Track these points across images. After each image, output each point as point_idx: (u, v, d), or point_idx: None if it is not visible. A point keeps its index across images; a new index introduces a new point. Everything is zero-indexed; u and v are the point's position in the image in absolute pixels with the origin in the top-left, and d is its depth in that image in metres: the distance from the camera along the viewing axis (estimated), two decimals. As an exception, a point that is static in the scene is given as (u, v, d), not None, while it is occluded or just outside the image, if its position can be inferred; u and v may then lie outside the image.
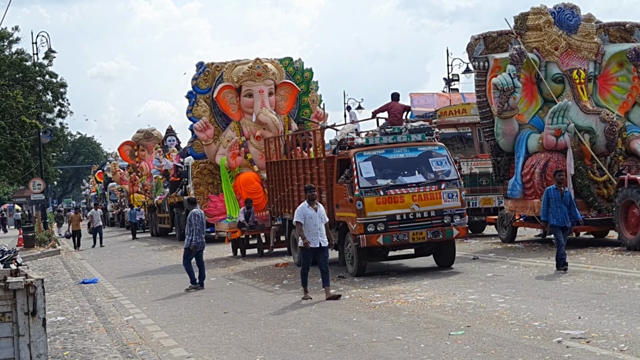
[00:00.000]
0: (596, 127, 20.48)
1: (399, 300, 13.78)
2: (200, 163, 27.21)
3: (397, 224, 16.75)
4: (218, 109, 26.49)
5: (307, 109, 27.13)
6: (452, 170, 17.38)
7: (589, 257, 17.79)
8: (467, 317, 11.90)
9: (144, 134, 48.21)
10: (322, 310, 13.62)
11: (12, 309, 6.72)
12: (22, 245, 34.48)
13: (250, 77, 25.90)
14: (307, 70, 27.38)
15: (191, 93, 26.59)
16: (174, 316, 14.38)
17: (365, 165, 17.10)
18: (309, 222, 14.81)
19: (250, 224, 24.25)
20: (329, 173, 18.17)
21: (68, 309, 16.37)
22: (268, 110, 25.70)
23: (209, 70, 26.59)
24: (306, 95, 27.13)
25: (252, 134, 26.13)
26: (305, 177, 19.35)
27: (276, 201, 21.91)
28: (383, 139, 17.61)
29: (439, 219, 16.90)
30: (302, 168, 19.78)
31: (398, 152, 17.39)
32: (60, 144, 58.99)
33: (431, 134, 17.89)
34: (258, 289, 17.10)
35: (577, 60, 21.30)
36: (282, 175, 21.37)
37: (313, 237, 14.79)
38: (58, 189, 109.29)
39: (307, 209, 14.92)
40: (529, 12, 21.72)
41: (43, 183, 40.42)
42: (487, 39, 21.72)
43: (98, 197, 71.40)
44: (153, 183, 41.47)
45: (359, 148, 17.42)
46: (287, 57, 27.37)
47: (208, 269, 19.86)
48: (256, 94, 25.97)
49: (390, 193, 16.76)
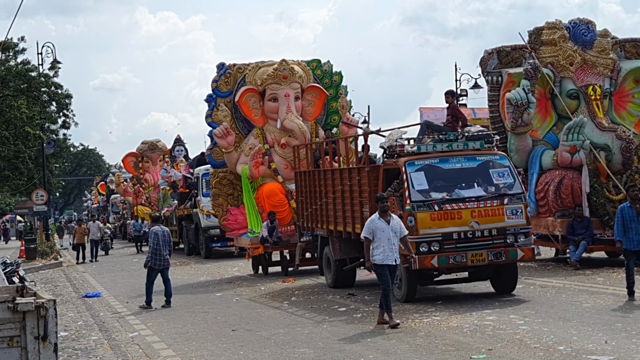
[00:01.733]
0: (612, 144, 20.10)
1: (414, 320, 13.33)
2: (220, 172, 24.69)
3: (453, 243, 14.64)
4: (240, 114, 24.31)
5: (336, 115, 24.79)
6: (515, 182, 15.30)
7: (606, 277, 17.34)
8: (486, 339, 11.44)
9: (148, 145, 47.10)
10: (333, 330, 13.18)
11: (20, 333, 6.16)
12: (24, 257, 34.06)
13: (276, 79, 23.82)
14: (336, 74, 25.24)
15: (211, 96, 24.36)
16: (181, 333, 13.94)
17: (417, 176, 15.03)
18: (381, 236, 13.04)
19: (274, 240, 22.30)
20: (373, 185, 16.03)
21: (71, 324, 15.94)
22: (294, 115, 23.66)
23: (231, 72, 24.37)
24: (335, 101, 24.83)
25: (277, 141, 24.05)
26: (342, 189, 17.39)
27: (306, 215, 19.94)
28: (437, 146, 15.44)
29: (502, 239, 14.79)
30: (340, 179, 17.65)
31: (454, 162, 15.28)
32: (64, 155, 58.79)
33: (491, 141, 15.78)
34: (266, 306, 16.64)
35: (593, 76, 20.92)
36: (314, 187, 19.40)
37: (388, 253, 13.00)
38: (60, 201, 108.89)
39: (378, 221, 13.15)
40: (544, 27, 21.35)
41: (46, 194, 40.00)
42: (500, 54, 21.34)
43: (99, 209, 71.00)
44: (160, 194, 40.20)
45: (409, 156, 15.33)
46: (315, 59, 25.32)
47: (232, 288, 19.62)
48: (281, 98, 23.84)
49: (446, 208, 14.69)
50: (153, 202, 42.39)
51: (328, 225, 18.23)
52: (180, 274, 25.43)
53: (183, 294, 19.73)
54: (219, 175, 24.61)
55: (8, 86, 42.34)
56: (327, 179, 18.49)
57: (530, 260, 16.27)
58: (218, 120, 23.90)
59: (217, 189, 24.58)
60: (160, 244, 17.50)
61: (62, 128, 46.68)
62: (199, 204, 31.02)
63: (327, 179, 18.46)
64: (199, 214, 31.17)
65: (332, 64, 25.14)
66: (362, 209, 16.30)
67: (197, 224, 31.91)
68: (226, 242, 30.24)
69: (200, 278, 23.54)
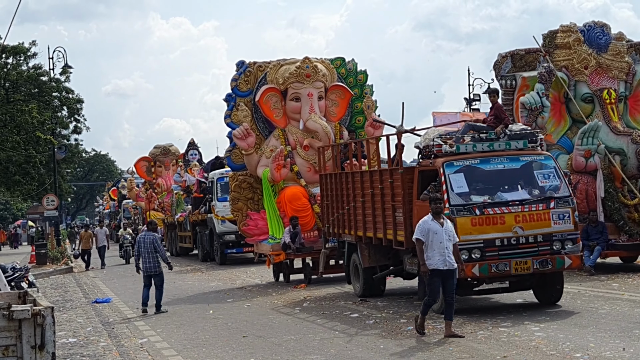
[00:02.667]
0: (627, 148, 19.87)
1: (427, 327, 13.10)
2: (239, 175, 23.21)
3: (496, 250, 13.59)
4: (260, 115, 22.97)
5: (361, 116, 23.41)
6: (562, 185, 14.19)
7: (622, 283, 17.08)
8: (502, 346, 11.22)
9: (161, 149, 46.41)
10: (345, 336, 12.98)
11: (16, 342, 5.85)
12: (35, 262, 33.95)
13: (298, 78, 22.48)
14: (362, 73, 23.79)
15: (230, 96, 23.00)
16: (191, 340, 13.76)
17: (456, 178, 13.99)
18: (434, 238, 12.19)
19: (296, 246, 21.12)
20: (407, 188, 14.94)
21: (80, 330, 15.78)
22: (318, 116, 22.36)
23: (251, 70, 23.04)
24: (360, 101, 23.48)
25: (299, 143, 22.75)
26: (373, 192, 16.30)
27: (332, 220, 18.87)
28: (477, 146, 14.39)
29: (548, 245, 13.75)
30: (370, 182, 16.56)
31: (496, 163, 14.25)
32: (75, 161, 58.83)
33: (535, 140, 14.67)
34: (277, 312, 16.45)
35: (608, 79, 20.68)
36: (341, 190, 18.32)
37: (438, 257, 12.16)
38: (72, 206, 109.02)
39: (432, 222, 12.30)
40: (558, 30, 21.12)
41: (57, 199, 39.93)
42: (514, 57, 21.11)
43: (111, 215, 70.96)
44: (173, 199, 39.24)
45: (448, 157, 14.26)
46: (339, 57, 23.90)
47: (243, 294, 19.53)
48: (304, 97, 22.53)
49: (488, 212, 13.65)
50: (166, 207, 41.67)
51: (356, 231, 17.34)
52: (191, 279, 25.29)
53: (194, 299, 19.57)
54: (239, 178, 23.27)
55: (19, 90, 42.40)
56: (355, 181, 17.50)
57: (577, 269, 15.22)
58: (238, 121, 22.71)
59: (236, 193, 23.24)
60: (141, 250, 17.65)
61: (73, 133, 46.75)
62: (214, 209, 30.31)
63: (356, 181, 17.46)
64: (213, 219, 30.46)
65: (356, 62, 24.00)
66: (394, 214, 15.32)
67: (211, 229, 31.17)
68: (242, 248, 29.59)
69: (211, 284, 23.35)
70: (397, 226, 15.19)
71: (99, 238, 34.78)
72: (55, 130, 42.77)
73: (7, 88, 42.12)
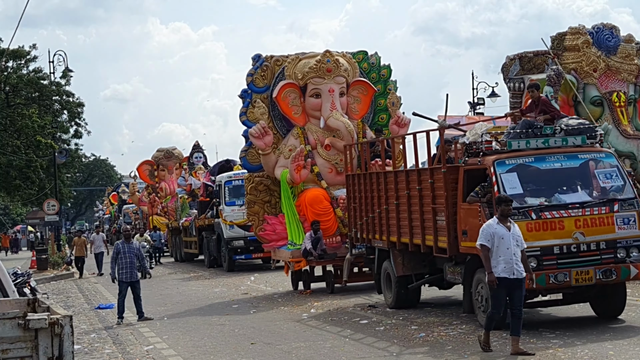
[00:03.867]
0: (637, 152, 19.69)
1: (440, 334, 12.82)
2: (255, 177, 21.58)
3: (554, 259, 12.17)
4: (278, 112, 21.39)
5: (384, 113, 21.81)
6: (626, 185, 12.80)
7: (635, 289, 16.77)
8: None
9: (164, 153, 45.38)
10: (356, 343, 12.71)
11: (32, 353, 5.44)
12: (35, 268, 33.67)
13: (319, 73, 20.87)
14: (385, 67, 22.14)
15: (246, 92, 21.41)
16: (197, 346, 13.48)
17: (509, 178, 12.58)
18: (500, 244, 10.99)
19: (318, 253, 19.60)
20: (451, 189, 13.57)
21: (84, 336, 15.49)
22: (339, 113, 20.84)
23: (268, 64, 21.45)
24: (383, 97, 21.80)
25: (320, 142, 21.11)
26: (409, 194, 14.92)
27: (360, 225, 17.52)
28: (530, 142, 12.94)
29: (611, 253, 12.32)
30: (406, 182, 15.10)
31: (552, 161, 12.83)
32: (75, 165, 58.52)
33: (594, 136, 13.26)
34: (285, 318, 16.14)
35: (617, 82, 20.45)
36: (371, 192, 16.89)
37: (506, 265, 10.96)
38: (71, 211, 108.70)
39: (497, 226, 11.09)
40: (567, 32, 20.88)
41: (57, 204, 39.58)
42: (522, 60, 20.91)
43: (111, 220, 70.56)
44: (178, 203, 37.94)
45: (499, 155, 12.87)
46: (361, 50, 22.22)
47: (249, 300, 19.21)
48: (325, 93, 20.93)
49: (545, 216, 12.23)
50: (169, 212, 40.42)
51: (389, 236, 15.92)
52: (194, 285, 25.00)
53: (198, 305, 19.27)
54: (255, 180, 21.60)
55: (19, 94, 42.14)
56: (388, 182, 16.04)
57: None
58: (254, 119, 21.05)
59: (252, 196, 21.59)
60: (121, 258, 17.24)
61: (74, 137, 46.45)
62: (222, 214, 28.84)
63: (389, 182, 15.98)
64: (221, 224, 29.06)
65: (380, 55, 22.30)
66: (435, 218, 13.97)
67: (219, 234, 29.76)
68: (250, 255, 28.59)
69: (215, 289, 23.05)
70: (439, 231, 13.92)
71: (96, 244, 33.07)
72: (55, 134, 42.48)
73: (8, 92, 41.89)
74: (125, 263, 17.22)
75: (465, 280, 13.50)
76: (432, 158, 14.80)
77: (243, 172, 27.64)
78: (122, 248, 17.33)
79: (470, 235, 12.81)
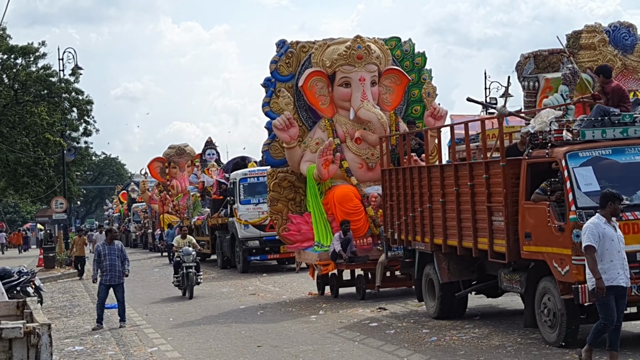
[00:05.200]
0: (654, 153, 19.16)
1: (452, 338, 12.45)
2: (279, 172, 19.89)
3: (636, 266, 10.46)
4: (303, 102, 19.80)
5: (419, 105, 20.29)
6: None
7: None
8: (532, 359, 10.55)
9: (175, 149, 44.66)
10: (365, 347, 12.35)
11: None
12: (42, 266, 33.40)
13: (348, 60, 19.34)
14: (419, 55, 20.64)
15: (269, 80, 19.85)
16: (203, 349, 13.15)
17: (583, 173, 10.99)
18: (610, 247, 9.70)
19: (348, 255, 18.01)
20: (511, 185, 12.02)
21: (87, 337, 15.20)
22: (371, 104, 19.29)
23: (293, 51, 19.89)
24: (417, 88, 20.30)
25: (350, 135, 19.60)
26: (459, 191, 13.26)
27: (397, 225, 15.91)
28: (607, 132, 11.30)
29: None
30: (455, 178, 13.39)
31: (633, 153, 11.18)
32: (85, 163, 58.34)
33: None
34: (292, 320, 15.78)
35: (634, 81, 20.02)
36: (412, 189, 15.18)
37: (620, 270, 9.72)
38: (81, 209, 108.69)
39: (606, 226, 9.78)
40: (583, 31, 20.48)
41: (66, 202, 39.29)
42: (537, 58, 20.45)
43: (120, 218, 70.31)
44: (190, 201, 36.49)
45: (571, 146, 11.24)
46: (394, 36, 20.59)
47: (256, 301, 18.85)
48: (355, 82, 19.38)
49: (627, 218, 10.61)
50: (181, 210, 39.34)
51: (433, 238, 14.31)
52: (202, 285, 24.64)
53: (204, 305, 18.94)
54: (278, 175, 19.89)
55: (28, 92, 41.91)
56: (433, 178, 14.38)
57: None
58: (278, 109, 19.49)
59: (275, 193, 19.83)
60: (105, 259, 16.31)
61: (83, 135, 46.18)
62: (236, 213, 27.37)
63: (434, 178, 14.33)
64: (235, 223, 27.58)
65: (414, 42, 20.82)
66: (491, 218, 12.39)
67: (233, 234, 28.29)
68: (266, 256, 27.39)
69: (223, 289, 22.71)
70: (495, 233, 12.38)
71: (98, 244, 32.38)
72: (64, 132, 42.22)
73: (17, 89, 41.65)
74: (106, 265, 16.29)
75: (527, 290, 12.05)
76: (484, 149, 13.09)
77: (259, 169, 27.50)
78: (102, 250, 16.48)
79: (535, 239, 11.46)
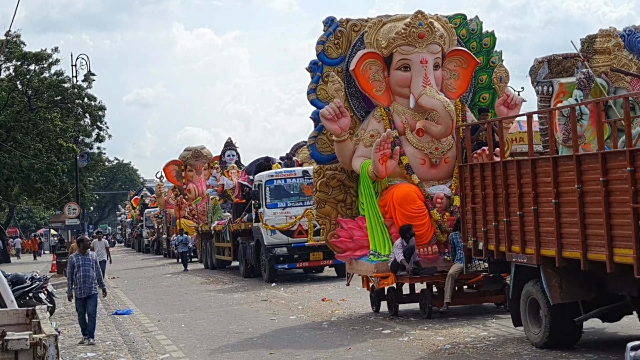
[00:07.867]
0: (670, 158, 18.98)
1: (466, 346, 12.30)
2: (327, 169, 17.19)
3: None
4: (355, 89, 17.15)
5: (487, 92, 17.64)
6: None
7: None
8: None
9: (192, 152, 43.44)
10: (378, 354, 12.23)
11: None
12: (56, 272, 33.41)
13: (408, 39, 16.58)
14: (488, 35, 17.90)
15: (315, 64, 17.23)
16: (214, 355, 13.09)
17: None
18: None
19: (412, 266, 15.47)
20: None
21: (99, 343, 15.12)
22: (434, 90, 16.58)
23: (343, 30, 17.20)
24: (485, 72, 17.63)
25: (410, 126, 16.85)
26: (582, 189, 10.73)
27: (484, 232, 13.19)
28: None
29: None
30: (577, 172, 10.85)
31: None
32: (98, 169, 58.48)
33: None
34: (304, 327, 15.67)
35: (649, 86, 19.85)
36: (506, 187, 12.59)
37: None
38: (94, 215, 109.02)
39: None
40: (597, 35, 20.30)
41: (78, 207, 39.38)
42: (551, 62, 20.24)
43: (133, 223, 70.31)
44: (209, 205, 34.03)
45: None
46: (459, 13, 17.97)
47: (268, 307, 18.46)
48: (416, 65, 16.63)
49: None
50: (198, 214, 37.64)
51: (539, 248, 11.66)
52: (213, 289, 24.59)
53: (216, 312, 18.85)
54: (326, 173, 17.18)
55: (42, 98, 42.08)
56: (539, 174, 11.86)
57: None
58: (326, 97, 16.86)
59: (322, 193, 17.13)
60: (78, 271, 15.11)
61: (96, 141, 46.38)
62: (262, 217, 25.29)
63: (541, 174, 11.82)
64: (261, 228, 25.47)
65: (481, 20, 18.00)
66: (638, 224, 9.68)
67: (258, 240, 26.21)
68: (294, 264, 25.43)
69: (235, 295, 22.63)
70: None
71: (97, 251, 31.43)
72: (77, 138, 42.36)
73: (30, 95, 41.79)
74: (80, 277, 15.07)
75: None
76: None
77: (286, 171, 26.13)
78: (76, 261, 15.21)
79: None
